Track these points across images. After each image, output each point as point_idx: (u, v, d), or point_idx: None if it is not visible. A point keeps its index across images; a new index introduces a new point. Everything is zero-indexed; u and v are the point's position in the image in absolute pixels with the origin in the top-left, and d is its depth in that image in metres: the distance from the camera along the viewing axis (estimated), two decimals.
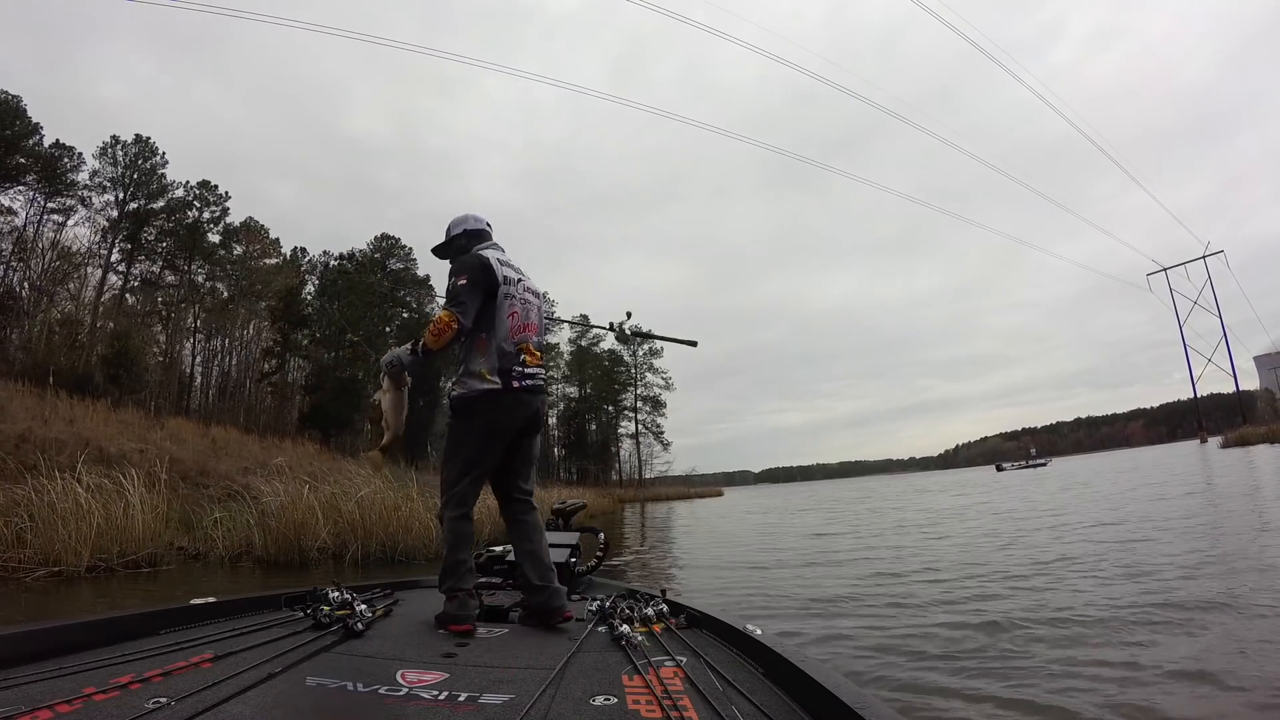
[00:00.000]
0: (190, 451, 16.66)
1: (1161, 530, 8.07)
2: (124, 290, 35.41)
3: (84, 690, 1.70)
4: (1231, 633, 3.79)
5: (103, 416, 18.29)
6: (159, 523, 8.98)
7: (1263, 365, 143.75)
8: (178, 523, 10.11)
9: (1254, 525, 7.92)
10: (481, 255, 2.80)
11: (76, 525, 7.76)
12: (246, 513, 9.99)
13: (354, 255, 41.41)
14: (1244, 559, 5.80)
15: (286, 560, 9.25)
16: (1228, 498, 11.60)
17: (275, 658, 2.07)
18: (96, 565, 7.82)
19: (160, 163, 35.60)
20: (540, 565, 2.77)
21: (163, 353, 35.54)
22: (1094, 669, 3.34)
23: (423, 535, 9.86)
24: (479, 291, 2.70)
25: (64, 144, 33.22)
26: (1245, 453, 32.30)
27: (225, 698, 1.71)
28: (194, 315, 37.53)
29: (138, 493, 8.62)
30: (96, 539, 7.91)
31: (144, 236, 35.34)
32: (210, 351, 39.06)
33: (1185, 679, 3.11)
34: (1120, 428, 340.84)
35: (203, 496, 12.54)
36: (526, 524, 2.89)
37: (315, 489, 10.17)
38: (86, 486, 8.28)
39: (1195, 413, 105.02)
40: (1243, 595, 4.51)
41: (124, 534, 8.25)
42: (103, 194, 34.42)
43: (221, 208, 37.94)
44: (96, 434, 14.97)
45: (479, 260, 2.76)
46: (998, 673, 3.42)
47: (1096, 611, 4.46)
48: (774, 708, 1.68)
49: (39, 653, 2.00)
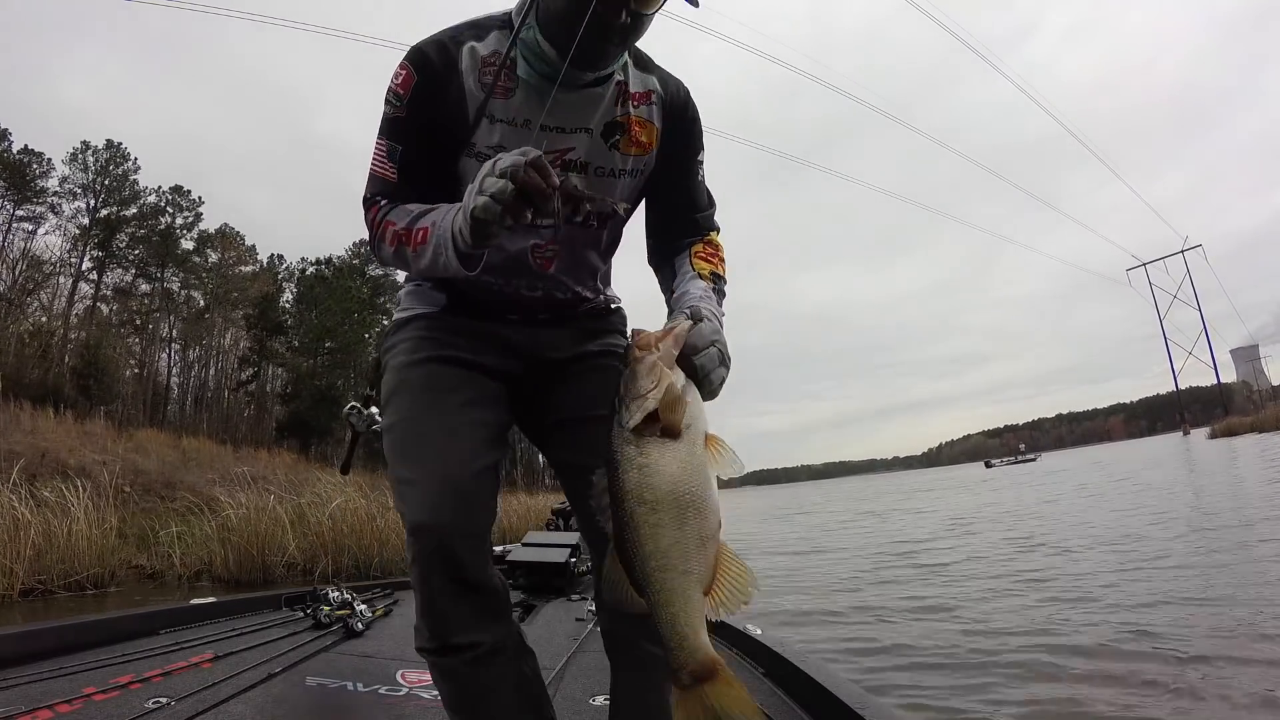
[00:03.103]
0: (156, 463, 16.03)
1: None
2: (96, 299, 34.57)
3: (84, 690, 1.72)
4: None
5: (67, 428, 17.58)
6: (109, 539, 8.38)
7: (1239, 358, 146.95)
8: (135, 539, 9.54)
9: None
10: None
11: (12, 543, 7.16)
12: (207, 527, 9.43)
13: (332, 261, 40.72)
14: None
15: (249, 578, 8.72)
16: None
17: (275, 658, 2.09)
18: (34, 587, 7.23)
19: (132, 168, 34.88)
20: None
21: (137, 363, 34.72)
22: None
23: (399, 548, 9.33)
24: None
25: (32, 149, 32.45)
26: (1237, 442, 32.48)
27: (225, 698, 1.72)
28: (169, 325, 36.75)
29: (82, 506, 8.01)
30: (35, 558, 7.32)
31: (116, 244, 34.52)
32: (186, 362, 38.23)
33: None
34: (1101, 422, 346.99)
35: (167, 510, 11.94)
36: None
37: (281, 500, 9.64)
38: (24, 500, 7.67)
39: (1177, 406, 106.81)
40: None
41: (66, 552, 7.65)
42: (73, 201, 33.62)
43: (195, 213, 37.28)
44: (56, 445, 14.32)
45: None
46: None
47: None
48: (774, 707, 1.71)
49: (39, 653, 2.00)
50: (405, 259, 1.22)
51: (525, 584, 4.02)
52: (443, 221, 1.14)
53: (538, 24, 1.24)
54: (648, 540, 0.84)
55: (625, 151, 1.35)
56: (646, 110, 1.37)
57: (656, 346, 0.93)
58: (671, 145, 1.40)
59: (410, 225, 1.19)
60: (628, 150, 1.36)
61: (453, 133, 1.27)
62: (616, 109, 1.34)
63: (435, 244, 1.13)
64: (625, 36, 1.21)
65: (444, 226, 1.13)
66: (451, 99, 1.26)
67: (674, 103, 1.40)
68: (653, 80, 1.39)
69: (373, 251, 1.30)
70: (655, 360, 0.92)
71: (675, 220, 1.46)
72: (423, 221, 1.18)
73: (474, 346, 1.34)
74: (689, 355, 0.99)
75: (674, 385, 0.90)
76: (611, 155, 1.34)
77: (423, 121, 1.26)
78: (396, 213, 1.23)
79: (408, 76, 1.25)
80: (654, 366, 0.91)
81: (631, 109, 1.35)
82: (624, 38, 1.21)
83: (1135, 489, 13.84)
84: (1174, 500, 10.59)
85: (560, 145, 1.29)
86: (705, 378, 1.01)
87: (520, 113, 1.27)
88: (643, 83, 1.38)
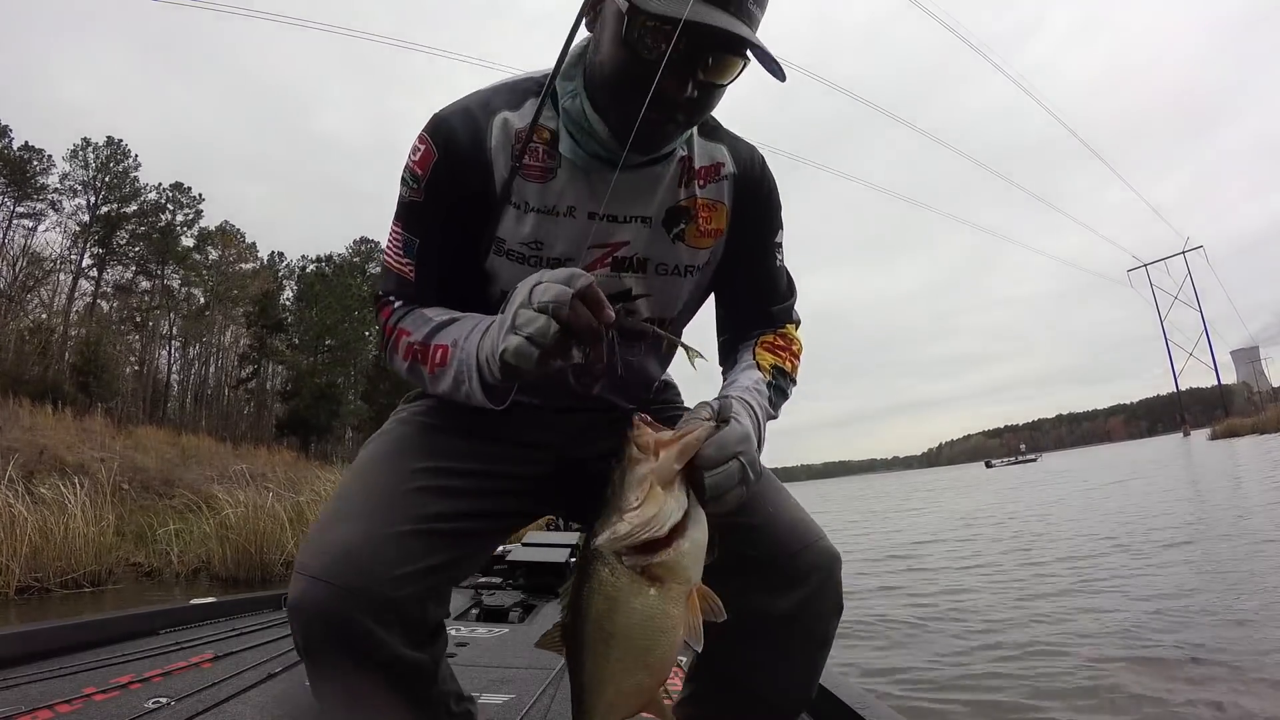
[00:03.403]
0: (155, 460, 15.97)
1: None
2: (96, 296, 34.54)
3: (84, 690, 1.72)
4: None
5: (66, 425, 17.54)
6: (106, 537, 8.33)
7: (1239, 359, 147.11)
8: (133, 537, 9.50)
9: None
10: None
11: (8, 541, 7.11)
12: (205, 525, 9.39)
13: (332, 259, 40.68)
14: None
15: (247, 577, 8.67)
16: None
17: (275, 658, 2.09)
18: (30, 585, 7.18)
19: (133, 165, 34.83)
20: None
21: (137, 360, 34.68)
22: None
23: None
24: None
25: (33, 146, 32.42)
26: (1239, 443, 32.38)
27: (225, 698, 1.72)
28: (169, 322, 36.71)
29: (79, 503, 7.96)
30: (32, 555, 7.27)
31: (116, 241, 34.48)
32: (186, 359, 38.19)
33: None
34: (1101, 423, 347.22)
35: (166, 508, 11.90)
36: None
37: (280, 498, 9.60)
38: (20, 497, 7.62)
39: (1178, 407, 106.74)
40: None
41: (63, 550, 7.59)
42: (73, 197, 33.58)
43: (195, 210, 37.23)
44: (55, 442, 14.27)
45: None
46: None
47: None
48: None
49: (39, 653, 2.01)
50: (421, 378, 1.01)
51: (525, 584, 4.01)
52: (466, 342, 0.93)
53: (584, 91, 1.01)
54: (592, 658, 0.78)
55: (692, 244, 1.11)
56: (715, 189, 1.12)
57: (656, 453, 0.75)
58: (744, 227, 1.15)
59: (428, 339, 0.98)
60: (695, 242, 1.11)
61: (480, 224, 1.05)
62: (680, 191, 1.10)
63: (457, 370, 0.94)
64: (692, 112, 0.98)
65: (468, 350, 0.92)
66: (478, 182, 1.03)
67: (748, 176, 1.14)
68: (721, 150, 1.14)
69: (386, 361, 1.08)
70: (648, 474, 0.74)
71: (748, 313, 1.23)
72: (442, 337, 0.97)
73: (493, 450, 1.09)
74: (700, 468, 0.79)
75: (660, 515, 0.72)
76: (675, 249, 1.10)
77: (446, 207, 1.03)
78: (412, 319, 1.02)
79: (427, 153, 1.01)
80: (643, 481, 0.74)
81: (698, 189, 1.11)
82: (690, 114, 0.98)
83: (1163, 491, 13.03)
84: (1211, 505, 9.96)
85: (610, 238, 1.06)
86: (715, 499, 0.81)
87: (563, 199, 1.03)
88: (709, 154, 1.13)
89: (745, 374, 1.10)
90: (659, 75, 0.87)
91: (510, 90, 1.06)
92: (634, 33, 0.90)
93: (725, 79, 0.95)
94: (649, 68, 0.88)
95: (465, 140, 1.01)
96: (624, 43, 0.91)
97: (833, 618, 1.06)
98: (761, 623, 1.00)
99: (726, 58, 0.93)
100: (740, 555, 0.98)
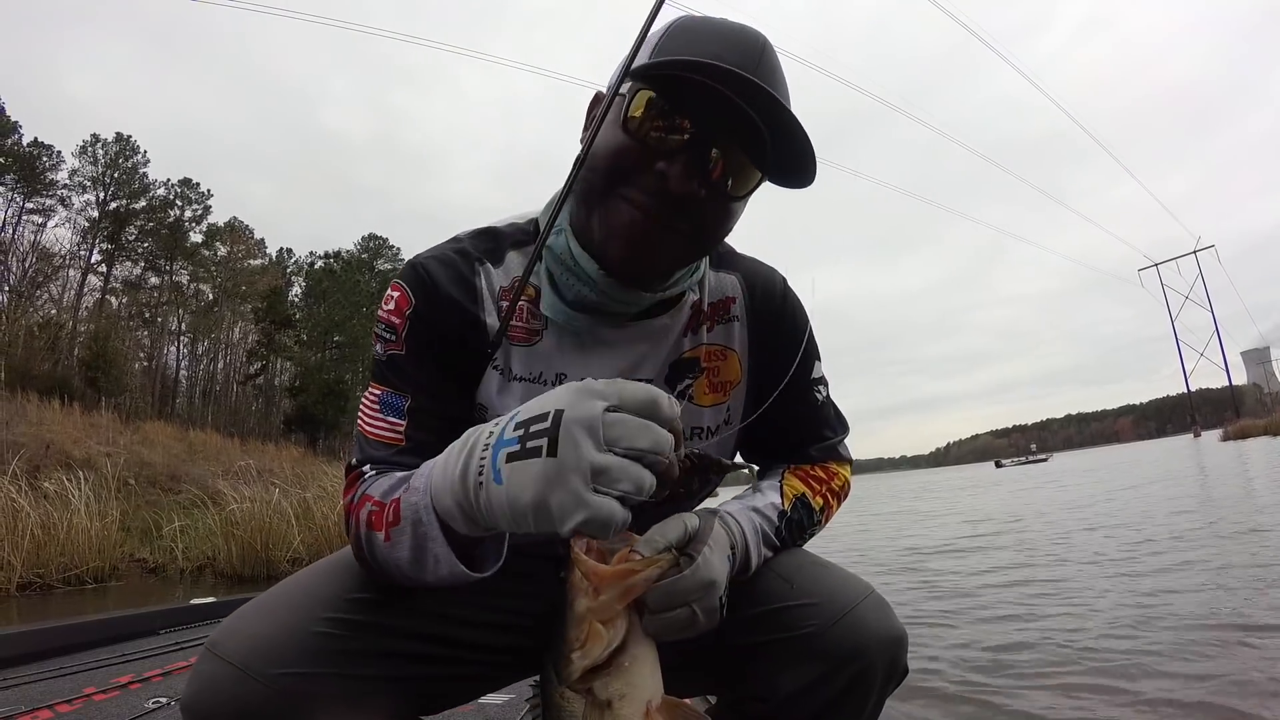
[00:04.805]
0: (162, 455, 15.96)
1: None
2: (105, 292, 34.65)
3: (84, 690, 1.71)
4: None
5: (73, 420, 17.55)
6: (110, 532, 8.25)
7: (1249, 360, 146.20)
8: (138, 532, 9.42)
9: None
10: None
11: (10, 536, 7.03)
12: (211, 520, 9.30)
13: (340, 255, 40.74)
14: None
15: (252, 573, 8.57)
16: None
17: None
18: (32, 581, 7.09)
19: (141, 161, 35.02)
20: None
21: (146, 356, 34.79)
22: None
23: None
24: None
25: (42, 142, 32.58)
26: (1251, 444, 32.00)
27: None
28: (178, 318, 36.83)
29: (83, 498, 7.87)
30: (34, 551, 7.18)
31: (125, 237, 34.60)
32: (195, 355, 38.31)
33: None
34: (1110, 423, 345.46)
35: (172, 503, 11.86)
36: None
37: (287, 493, 9.51)
38: (23, 492, 7.54)
39: (1188, 407, 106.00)
40: None
41: (66, 545, 7.51)
42: (83, 194, 33.73)
43: (203, 206, 37.39)
44: (62, 437, 14.26)
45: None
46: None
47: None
48: None
49: (39, 653, 2.02)
50: (375, 555, 0.75)
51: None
52: (422, 479, 0.71)
53: (570, 226, 0.84)
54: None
55: (702, 403, 0.93)
56: (723, 332, 0.95)
57: (597, 589, 0.65)
58: (766, 367, 0.95)
59: (388, 495, 0.74)
60: (704, 400, 0.93)
61: (468, 383, 0.87)
62: (686, 340, 0.92)
63: (413, 523, 0.70)
64: (696, 223, 0.80)
65: (426, 486, 0.70)
66: (463, 334, 0.85)
67: (764, 310, 0.96)
68: (732, 282, 0.96)
69: (354, 556, 0.80)
70: (585, 612, 0.65)
71: (786, 456, 1.01)
72: (400, 491, 0.73)
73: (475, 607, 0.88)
74: (649, 608, 0.67)
75: (602, 647, 0.65)
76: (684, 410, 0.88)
77: (432, 358, 0.85)
78: (381, 481, 0.77)
79: (402, 299, 0.84)
80: (582, 620, 0.65)
81: (705, 337, 0.93)
82: (695, 225, 0.80)
83: (1191, 495, 12.32)
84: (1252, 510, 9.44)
85: None
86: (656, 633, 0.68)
87: (550, 366, 0.87)
88: (720, 289, 0.95)
89: (761, 494, 0.92)
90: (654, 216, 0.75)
91: (489, 238, 0.91)
92: (638, 107, 0.75)
93: (741, 190, 0.80)
94: (649, 151, 0.75)
95: (447, 286, 0.85)
96: (624, 125, 0.76)
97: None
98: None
99: (744, 158, 0.77)
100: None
